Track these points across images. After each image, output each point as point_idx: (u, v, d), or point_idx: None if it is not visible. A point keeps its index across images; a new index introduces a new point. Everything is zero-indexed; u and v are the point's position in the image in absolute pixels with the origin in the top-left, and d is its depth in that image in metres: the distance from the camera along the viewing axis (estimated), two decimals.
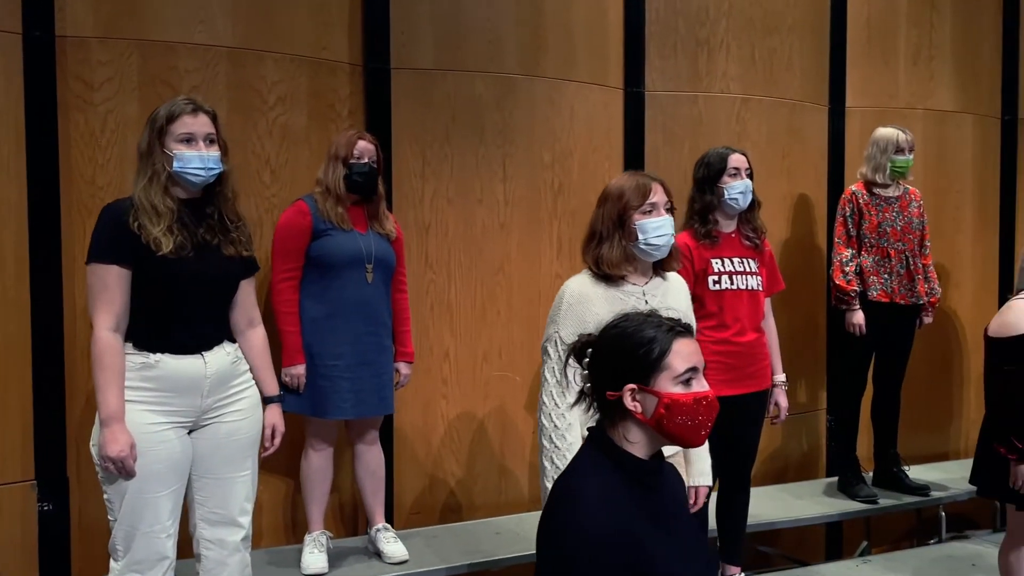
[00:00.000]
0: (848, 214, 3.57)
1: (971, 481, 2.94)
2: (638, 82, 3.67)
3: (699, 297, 2.78)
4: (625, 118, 3.67)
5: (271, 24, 3.01)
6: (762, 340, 2.87)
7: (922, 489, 3.60)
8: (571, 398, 2.08)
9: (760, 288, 2.85)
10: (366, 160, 2.77)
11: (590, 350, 1.53)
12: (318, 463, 2.78)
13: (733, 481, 2.92)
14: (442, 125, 3.27)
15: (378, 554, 2.78)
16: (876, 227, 3.53)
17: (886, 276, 3.51)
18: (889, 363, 3.64)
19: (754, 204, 2.86)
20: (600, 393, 1.48)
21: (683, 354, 1.45)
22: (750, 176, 2.84)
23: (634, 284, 2.16)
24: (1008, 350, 2.79)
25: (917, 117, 4.21)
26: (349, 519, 3.14)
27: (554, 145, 3.46)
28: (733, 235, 2.85)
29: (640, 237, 2.10)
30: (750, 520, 3.32)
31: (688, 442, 1.44)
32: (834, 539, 4.03)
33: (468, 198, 3.33)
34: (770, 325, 2.95)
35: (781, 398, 2.93)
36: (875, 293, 3.50)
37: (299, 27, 3.06)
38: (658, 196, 2.13)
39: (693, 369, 1.45)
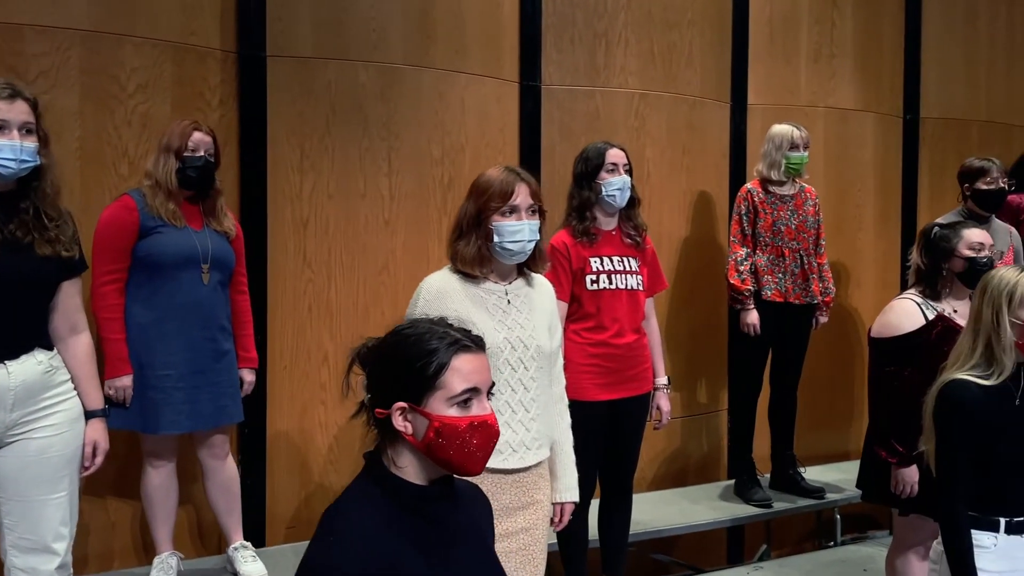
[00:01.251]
0: (743, 212, 3.53)
1: (857, 485, 2.92)
2: (534, 76, 3.57)
3: (576, 297, 2.69)
4: (521, 112, 3.56)
5: (132, 6, 2.82)
6: (643, 342, 2.79)
7: (817, 492, 3.58)
8: None
9: (641, 288, 2.77)
10: (201, 153, 2.57)
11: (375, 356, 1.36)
12: (158, 480, 2.58)
13: (614, 489, 2.84)
14: (322, 116, 3.11)
15: (235, 575, 2.62)
16: (771, 226, 3.49)
17: (780, 275, 3.48)
18: (785, 363, 3.61)
19: (634, 201, 2.77)
20: (372, 409, 1.33)
21: (463, 372, 1.29)
22: (629, 172, 2.75)
23: (495, 283, 2.04)
24: (889, 351, 2.76)
25: (819, 115, 4.21)
26: (208, 537, 2.96)
27: (444, 139, 3.34)
28: (613, 233, 2.76)
29: (496, 239, 1.98)
30: (641, 528, 3.28)
31: (462, 470, 1.31)
32: (736, 543, 4.00)
33: (350, 193, 3.18)
34: (652, 326, 2.87)
35: (663, 402, 2.86)
36: (769, 292, 3.47)
37: (163, 10, 2.87)
38: (521, 198, 1.99)
39: (473, 390, 1.30)
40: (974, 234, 2.76)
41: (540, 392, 2.03)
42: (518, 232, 1.96)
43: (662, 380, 2.85)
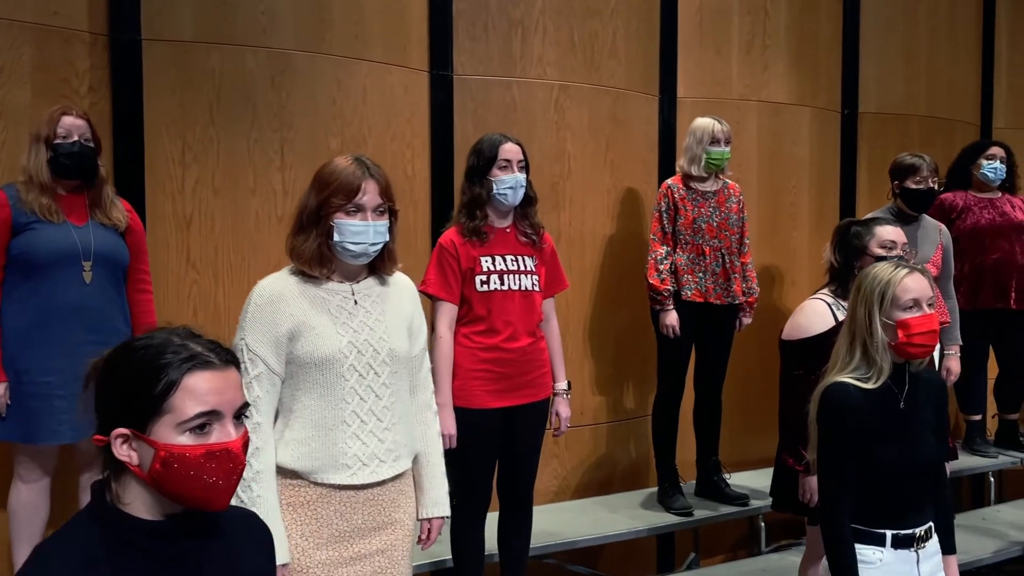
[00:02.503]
0: (663, 209, 3.36)
1: (770, 493, 2.78)
2: (445, 65, 3.38)
3: (466, 299, 2.51)
4: (431, 103, 3.38)
5: None
6: (540, 345, 2.61)
7: (740, 499, 3.43)
8: (258, 417, 1.78)
9: (537, 289, 2.59)
10: (75, 139, 2.41)
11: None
12: (28, 497, 2.39)
13: (513, 501, 2.66)
14: (205, 105, 2.91)
15: None
16: (691, 223, 3.33)
17: (700, 275, 3.32)
18: (707, 366, 3.45)
19: (530, 199, 2.60)
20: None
21: (198, 392, 1.10)
22: (524, 169, 2.57)
23: (340, 283, 1.86)
24: (798, 353, 2.62)
25: (751, 109, 4.06)
26: None
27: (343, 130, 3.14)
28: (507, 231, 2.58)
29: (336, 238, 1.80)
30: (551, 539, 3.11)
31: (202, 505, 1.13)
32: (666, 551, 3.85)
33: (239, 188, 2.98)
34: (552, 328, 2.70)
35: (562, 408, 2.68)
36: (689, 292, 3.31)
37: None
38: (368, 197, 1.79)
39: (212, 413, 1.12)
40: (887, 232, 2.62)
41: (395, 400, 1.85)
42: (361, 234, 1.78)
43: (561, 385, 2.68)
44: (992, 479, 4.17)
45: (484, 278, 2.49)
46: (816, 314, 2.60)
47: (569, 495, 3.64)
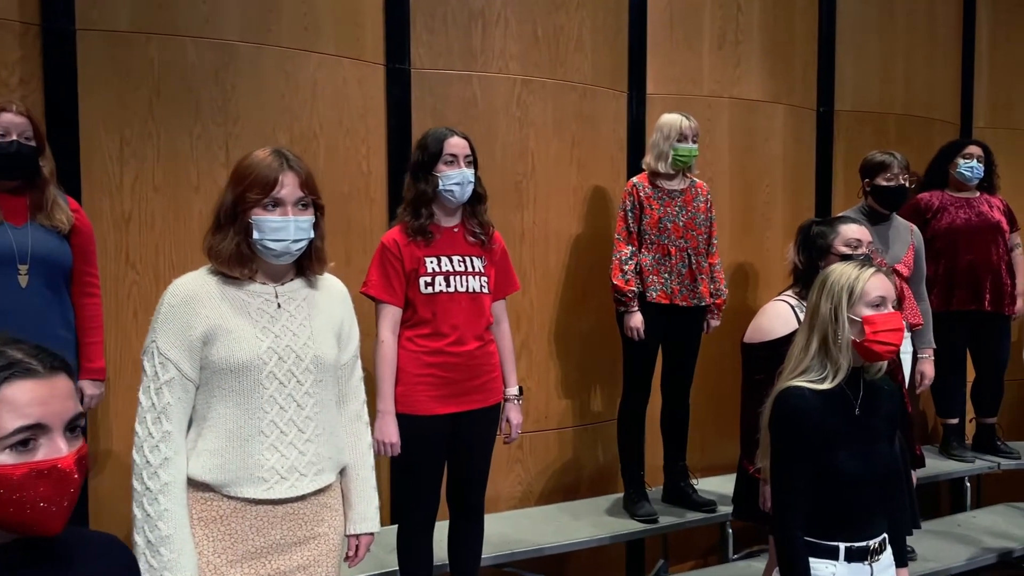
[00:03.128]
0: (628, 208, 3.26)
1: (732, 501, 2.68)
2: (402, 58, 3.27)
3: (411, 301, 2.39)
4: (387, 98, 3.26)
5: None
6: (489, 349, 2.50)
7: (707, 505, 3.33)
8: (168, 425, 1.67)
9: (485, 291, 2.47)
10: (13, 137, 2.32)
11: None
12: None
13: (463, 510, 2.55)
14: (144, 99, 2.78)
15: None
16: (656, 222, 3.22)
17: (666, 275, 3.22)
18: (674, 369, 3.35)
19: (479, 197, 2.48)
20: None
21: (18, 404, 0.99)
22: (472, 164, 2.46)
23: (263, 284, 1.74)
24: (760, 357, 2.52)
25: (723, 106, 3.95)
26: None
27: (292, 125, 3.02)
28: (455, 230, 2.47)
29: (256, 235, 1.68)
30: (515, 548, 3.00)
31: (31, 530, 1.01)
32: (636, 559, 3.74)
33: (180, 185, 2.85)
34: (503, 331, 2.58)
35: (513, 414, 2.57)
36: (654, 294, 3.20)
37: None
38: (287, 190, 1.68)
39: (36, 427, 1.00)
40: (851, 230, 2.52)
41: (320, 410, 1.74)
42: (281, 230, 1.66)
43: (512, 390, 2.56)
44: (968, 484, 4.07)
45: (429, 280, 2.37)
46: (778, 316, 2.50)
47: (533, 501, 3.53)
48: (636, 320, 3.18)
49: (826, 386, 1.86)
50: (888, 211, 3.29)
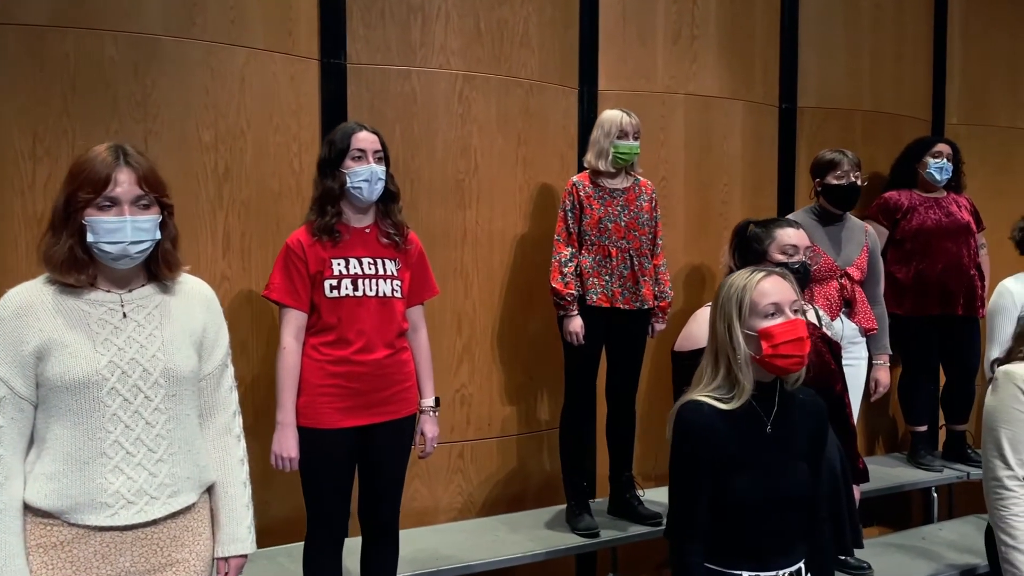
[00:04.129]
0: (568, 208, 3.15)
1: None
2: (337, 53, 3.17)
3: (315, 306, 2.29)
4: (322, 94, 3.16)
5: None
6: (402, 358, 2.38)
7: (653, 518, 3.21)
8: (0, 449, 1.56)
9: (398, 295, 2.36)
10: None
11: None
12: None
13: (375, 528, 2.43)
14: (58, 94, 2.69)
15: None
16: (597, 222, 3.12)
17: (607, 278, 3.11)
18: (619, 375, 3.24)
19: (391, 195, 2.38)
20: None
21: None
22: (382, 160, 2.35)
23: (107, 292, 1.64)
24: (690, 366, 2.41)
25: (678, 102, 3.84)
26: None
27: (217, 122, 2.92)
28: (367, 231, 2.36)
29: (91, 238, 1.57)
30: (442, 564, 2.87)
31: None
32: (587, 572, 3.62)
33: None
34: (420, 339, 2.47)
35: (428, 426, 2.45)
36: (595, 297, 3.10)
37: None
38: (123, 188, 1.57)
39: None
40: (787, 235, 2.42)
41: (175, 426, 1.63)
42: (116, 231, 1.56)
43: (428, 401, 2.45)
44: (935, 495, 3.94)
45: (334, 283, 2.27)
46: (708, 323, 2.39)
47: (475, 513, 3.42)
48: (575, 324, 3.07)
49: (731, 406, 1.75)
50: (840, 210, 3.18)
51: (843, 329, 3.09)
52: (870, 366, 3.39)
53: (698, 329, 2.42)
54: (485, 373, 3.45)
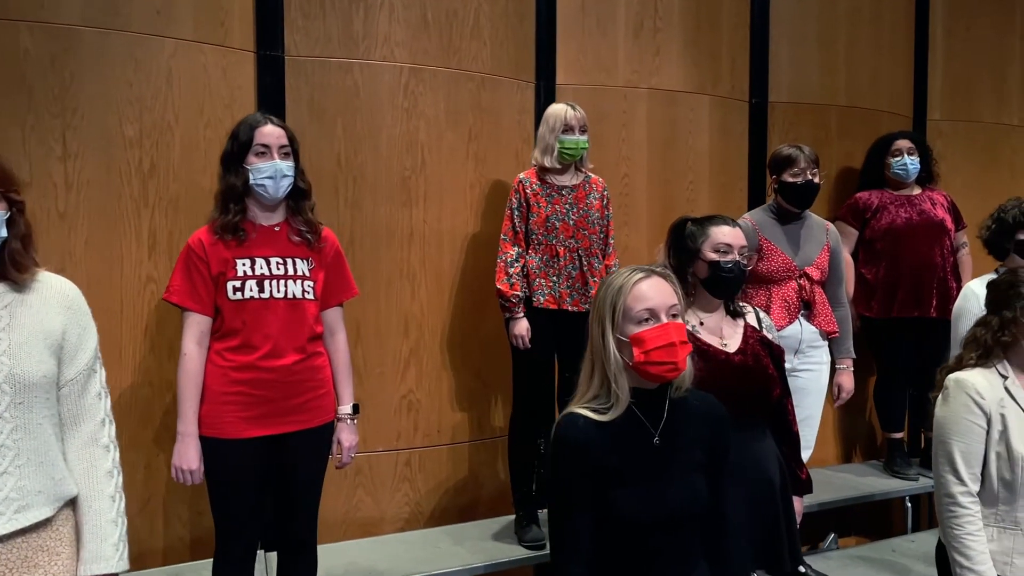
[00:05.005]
0: (514, 206, 3.02)
1: None
2: (275, 44, 3.04)
3: (219, 309, 2.16)
4: (258, 87, 3.03)
5: None
6: (315, 363, 2.24)
7: None
8: None
9: (311, 296, 2.22)
10: None
11: None
12: None
13: (290, 544, 2.29)
14: None
15: None
16: (544, 221, 2.98)
17: (554, 278, 2.97)
18: (569, 380, 3.09)
19: (301, 192, 2.24)
20: None
21: None
22: (289, 155, 2.21)
23: None
24: None
25: (640, 97, 3.70)
26: None
27: (142, 116, 2.80)
28: (277, 229, 2.22)
29: None
30: None
31: None
32: None
33: None
34: (338, 343, 2.32)
35: (345, 435, 2.30)
36: (542, 298, 2.96)
37: None
38: None
39: None
40: (721, 233, 2.27)
41: (22, 436, 1.51)
42: None
43: (345, 409, 2.30)
44: (909, 504, 3.78)
45: (238, 284, 2.13)
46: None
47: (422, 523, 3.29)
48: (520, 327, 2.94)
49: (609, 417, 1.61)
50: (797, 209, 3.03)
51: (802, 332, 2.94)
52: (836, 370, 3.24)
53: None
54: (434, 378, 3.31)
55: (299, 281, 2.19)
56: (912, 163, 3.80)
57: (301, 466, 2.23)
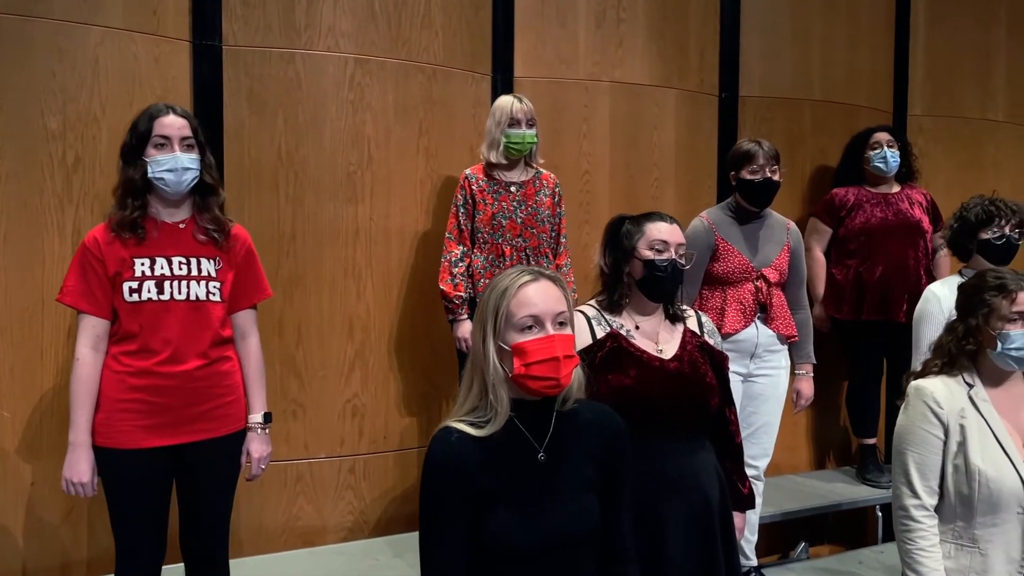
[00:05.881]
0: (460, 203, 2.89)
1: None
2: (212, 33, 2.92)
3: (116, 312, 2.03)
4: (193, 78, 2.91)
5: None
6: (221, 368, 2.10)
7: None
8: None
9: (216, 298, 2.09)
10: None
11: None
12: None
13: (197, 560, 2.15)
14: None
15: None
16: (490, 219, 2.85)
17: None
18: None
19: (207, 188, 2.11)
20: None
21: None
22: (193, 147, 2.08)
23: None
24: None
25: (602, 90, 3.56)
26: None
27: (66, 108, 2.68)
28: (182, 227, 2.09)
29: None
30: None
31: None
32: None
33: None
34: (248, 348, 2.18)
35: (255, 444, 2.17)
36: None
37: None
38: None
39: None
40: (657, 229, 2.14)
41: None
42: None
43: (256, 418, 2.17)
44: (880, 514, 3.64)
45: (135, 285, 2.00)
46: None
47: (367, 532, 3.17)
48: (464, 329, 2.82)
49: (487, 431, 1.48)
50: (755, 208, 2.89)
51: (758, 336, 2.81)
52: (795, 375, 3.10)
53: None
54: (380, 381, 3.19)
55: (203, 282, 2.06)
56: (892, 156, 3.65)
57: (208, 478, 2.10)
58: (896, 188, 3.74)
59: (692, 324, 2.19)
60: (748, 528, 2.92)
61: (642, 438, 2.00)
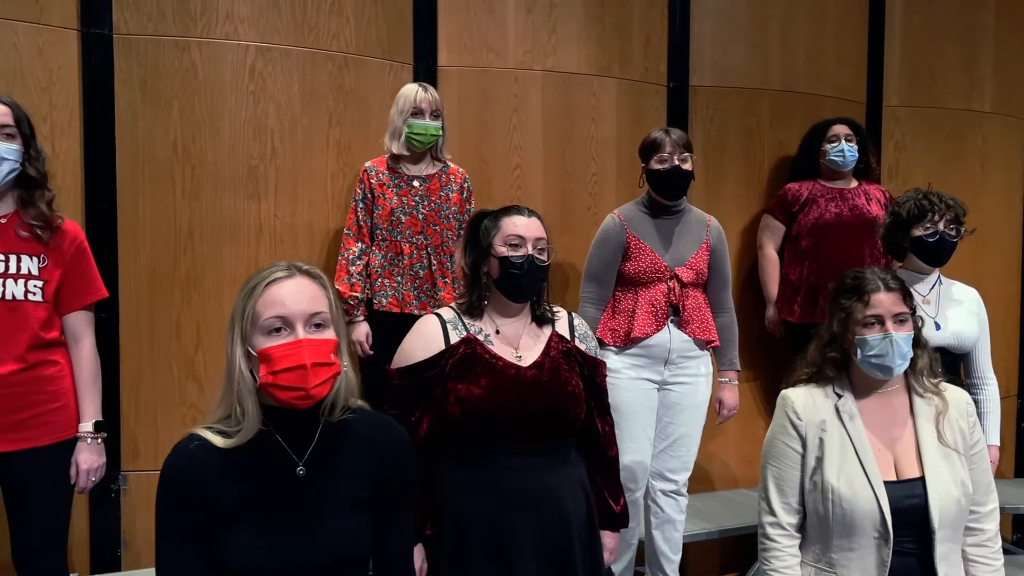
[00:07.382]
0: (360, 198, 2.72)
1: None
2: (101, 21, 2.79)
3: None
4: (82, 69, 2.78)
5: None
6: (43, 373, 1.96)
7: None
8: None
9: (36, 298, 1.94)
10: None
11: None
12: None
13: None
14: None
15: None
16: (389, 214, 2.68)
17: (398, 279, 2.67)
18: None
19: (30, 180, 1.97)
20: None
21: None
22: (15, 137, 1.95)
23: None
24: (393, 388, 1.99)
25: (534, 80, 3.36)
26: None
27: None
28: (3, 221, 1.95)
29: None
30: None
31: None
32: None
33: None
34: (81, 352, 2.04)
35: (84, 455, 2.01)
36: (384, 301, 2.66)
37: None
38: None
39: None
40: (513, 224, 1.95)
41: None
42: None
43: (86, 426, 2.02)
44: None
45: None
46: (421, 335, 1.95)
47: None
48: (359, 332, 2.65)
49: (234, 441, 1.31)
50: (667, 200, 2.67)
51: (671, 340, 2.58)
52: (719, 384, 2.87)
53: (409, 343, 1.97)
54: None
55: (22, 280, 1.92)
56: (850, 150, 3.41)
57: (33, 490, 1.96)
58: (854, 183, 3.48)
59: (562, 327, 1.99)
60: (670, 547, 2.71)
61: (490, 452, 1.83)
